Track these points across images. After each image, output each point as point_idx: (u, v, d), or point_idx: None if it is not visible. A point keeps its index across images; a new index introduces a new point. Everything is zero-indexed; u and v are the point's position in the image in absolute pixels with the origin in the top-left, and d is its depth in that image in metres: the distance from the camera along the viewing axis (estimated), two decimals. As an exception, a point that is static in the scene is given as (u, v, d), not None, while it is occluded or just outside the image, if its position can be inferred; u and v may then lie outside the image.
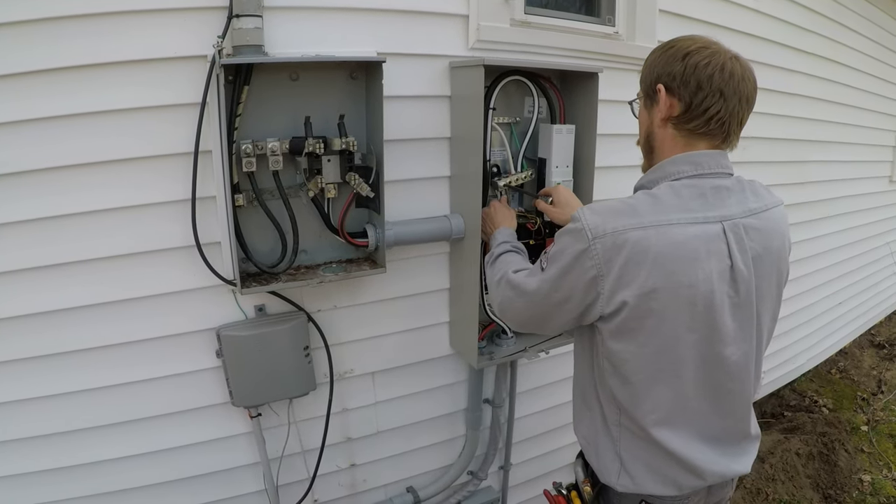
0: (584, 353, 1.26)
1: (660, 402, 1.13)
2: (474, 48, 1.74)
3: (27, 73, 1.29)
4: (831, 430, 3.45)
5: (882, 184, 4.28)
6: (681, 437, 1.15)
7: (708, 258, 1.05)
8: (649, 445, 1.18)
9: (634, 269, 1.03)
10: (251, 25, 1.37)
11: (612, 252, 1.03)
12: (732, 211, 1.10)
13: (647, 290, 1.03)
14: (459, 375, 2.07)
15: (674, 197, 1.07)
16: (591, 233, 1.05)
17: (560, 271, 1.11)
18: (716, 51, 1.08)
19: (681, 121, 1.12)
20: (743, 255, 1.09)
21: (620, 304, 1.05)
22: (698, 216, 1.06)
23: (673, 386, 1.12)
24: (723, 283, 1.07)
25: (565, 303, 1.12)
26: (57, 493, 1.59)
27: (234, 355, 1.58)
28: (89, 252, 1.44)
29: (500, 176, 1.74)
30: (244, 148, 1.38)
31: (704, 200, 1.08)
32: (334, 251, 1.65)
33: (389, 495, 2.09)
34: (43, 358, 1.48)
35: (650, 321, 1.06)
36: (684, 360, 1.10)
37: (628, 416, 1.18)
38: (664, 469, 1.18)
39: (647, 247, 1.02)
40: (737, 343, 1.12)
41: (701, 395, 1.14)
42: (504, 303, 1.29)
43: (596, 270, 1.05)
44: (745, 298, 1.11)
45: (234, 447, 1.75)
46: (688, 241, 1.03)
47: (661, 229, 1.03)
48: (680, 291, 1.03)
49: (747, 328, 1.13)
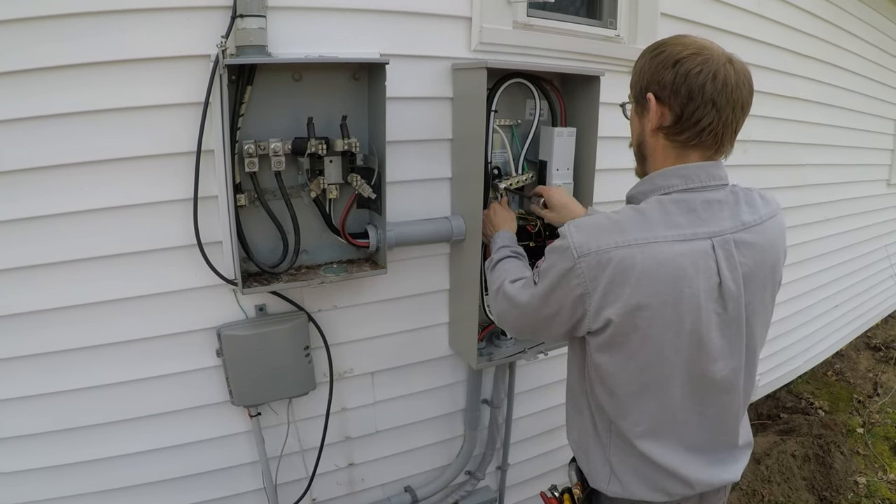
0: (576, 360, 1.26)
1: (645, 414, 1.13)
2: (477, 50, 1.74)
3: (35, 70, 1.29)
4: (827, 433, 3.47)
5: (880, 187, 4.31)
6: (667, 448, 1.15)
7: (695, 276, 1.03)
8: (637, 454, 1.18)
9: (619, 287, 1.02)
10: (255, 26, 1.37)
11: (596, 270, 1.03)
12: (724, 226, 1.07)
13: (631, 308, 1.02)
14: (458, 376, 2.08)
15: (661, 213, 1.05)
16: (576, 251, 1.04)
17: (549, 288, 1.11)
18: (708, 57, 1.03)
19: (671, 132, 1.08)
20: (732, 272, 1.06)
21: (606, 321, 1.05)
22: (686, 233, 1.04)
23: (659, 400, 1.11)
24: (710, 301, 1.05)
25: (555, 317, 1.13)
26: (58, 489, 1.60)
27: (234, 354, 1.58)
28: (91, 250, 1.44)
29: (501, 178, 1.75)
30: (247, 148, 1.39)
31: (695, 216, 1.05)
32: (335, 251, 1.65)
33: (387, 494, 2.10)
34: (45, 355, 1.48)
35: (635, 337, 1.05)
36: (670, 377, 1.09)
37: (616, 426, 1.18)
38: (653, 477, 1.18)
39: (632, 265, 1.01)
40: (724, 359, 1.11)
41: (688, 409, 1.13)
42: (501, 313, 1.31)
43: (582, 289, 1.05)
44: (734, 315, 1.09)
45: (234, 446, 1.76)
46: (674, 259, 1.02)
47: (646, 247, 1.01)
48: (665, 310, 1.02)
49: (736, 343, 1.11)
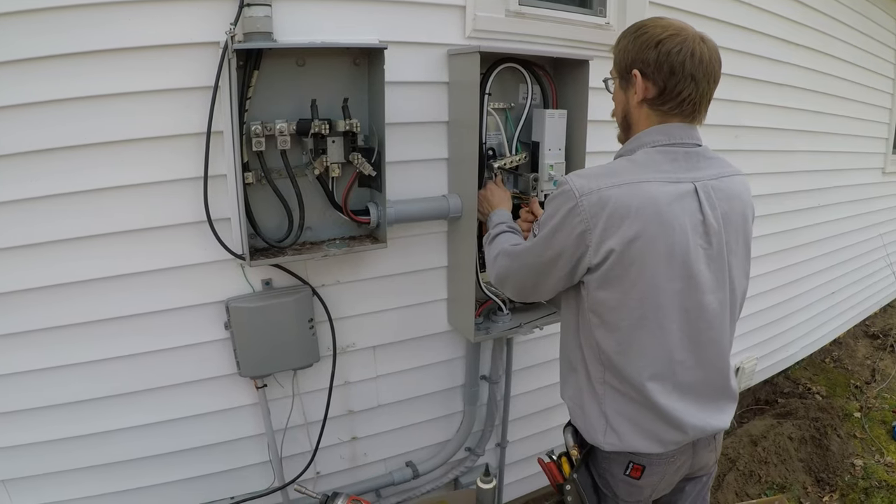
0: (569, 316, 1.35)
1: (645, 350, 1.22)
2: (471, 37, 1.82)
3: (57, 56, 1.37)
4: (824, 416, 3.50)
5: (875, 175, 4.35)
6: (664, 389, 1.24)
7: (682, 213, 1.17)
8: (632, 401, 1.26)
9: (618, 220, 1.14)
10: (261, 13, 1.46)
11: (596, 207, 1.15)
12: (702, 174, 1.22)
13: (628, 239, 1.14)
14: (457, 351, 2.15)
15: (649, 160, 1.20)
16: (577, 192, 1.16)
17: (551, 230, 1.22)
18: (685, 37, 1.17)
19: (655, 103, 1.22)
20: (713, 211, 1.21)
21: (607, 252, 1.16)
22: (671, 176, 1.18)
23: (657, 337, 1.22)
24: (696, 236, 1.19)
25: (557, 259, 1.22)
26: (66, 462, 1.67)
27: (241, 326, 1.67)
28: (105, 226, 1.52)
29: (496, 158, 1.83)
30: (254, 129, 1.47)
31: (677, 164, 1.20)
32: (338, 228, 1.73)
33: (389, 469, 2.17)
34: (57, 329, 1.55)
35: (633, 269, 1.16)
36: (666, 309, 1.20)
37: (613, 372, 1.26)
38: (647, 424, 1.26)
39: (628, 202, 1.14)
40: (714, 292, 1.24)
41: (684, 346, 1.24)
42: (501, 271, 1.39)
43: (584, 225, 1.16)
44: (717, 250, 1.22)
45: (240, 418, 1.83)
46: (663, 196, 1.15)
47: (639, 185, 1.15)
48: (657, 241, 1.15)
49: (721, 279, 1.25)
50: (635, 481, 1.32)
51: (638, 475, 1.31)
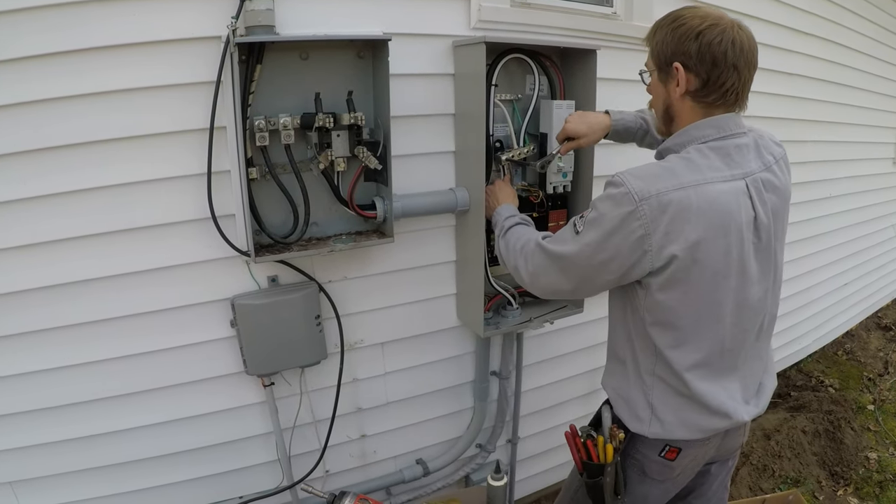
0: (618, 312, 1.37)
1: (701, 342, 1.25)
2: (476, 28, 1.79)
3: (56, 54, 1.35)
4: (837, 409, 3.47)
5: (886, 165, 4.29)
6: (711, 377, 1.28)
7: (738, 211, 1.18)
8: (678, 393, 1.29)
9: (680, 224, 1.13)
10: (263, 7, 1.43)
11: (657, 212, 1.13)
12: (752, 167, 1.23)
13: (691, 243, 1.14)
14: (467, 347, 2.13)
15: (704, 158, 1.19)
16: (637, 195, 1.14)
17: (604, 233, 1.19)
18: (724, 27, 1.17)
19: (698, 95, 1.21)
20: (763, 207, 1.23)
21: (669, 257, 1.15)
22: (726, 174, 1.19)
23: (713, 329, 1.24)
24: (749, 232, 1.21)
25: (609, 262, 1.20)
26: (74, 462, 1.66)
27: (247, 324, 1.65)
28: (109, 225, 1.50)
29: (503, 151, 1.80)
30: (257, 123, 1.45)
31: (730, 160, 1.20)
32: (344, 224, 1.71)
33: (399, 467, 2.16)
34: (63, 329, 1.54)
35: (695, 270, 1.17)
36: (722, 304, 1.22)
37: (664, 364, 1.27)
38: (691, 413, 1.29)
39: (689, 205, 1.13)
40: (759, 283, 1.27)
41: (735, 336, 1.27)
42: (538, 269, 1.34)
43: (643, 230, 1.14)
44: (766, 244, 1.26)
45: (247, 417, 1.82)
46: (720, 196, 1.16)
47: (698, 188, 1.15)
48: (717, 242, 1.16)
49: (766, 269, 1.29)
50: (670, 462, 1.36)
51: (673, 457, 1.35)
